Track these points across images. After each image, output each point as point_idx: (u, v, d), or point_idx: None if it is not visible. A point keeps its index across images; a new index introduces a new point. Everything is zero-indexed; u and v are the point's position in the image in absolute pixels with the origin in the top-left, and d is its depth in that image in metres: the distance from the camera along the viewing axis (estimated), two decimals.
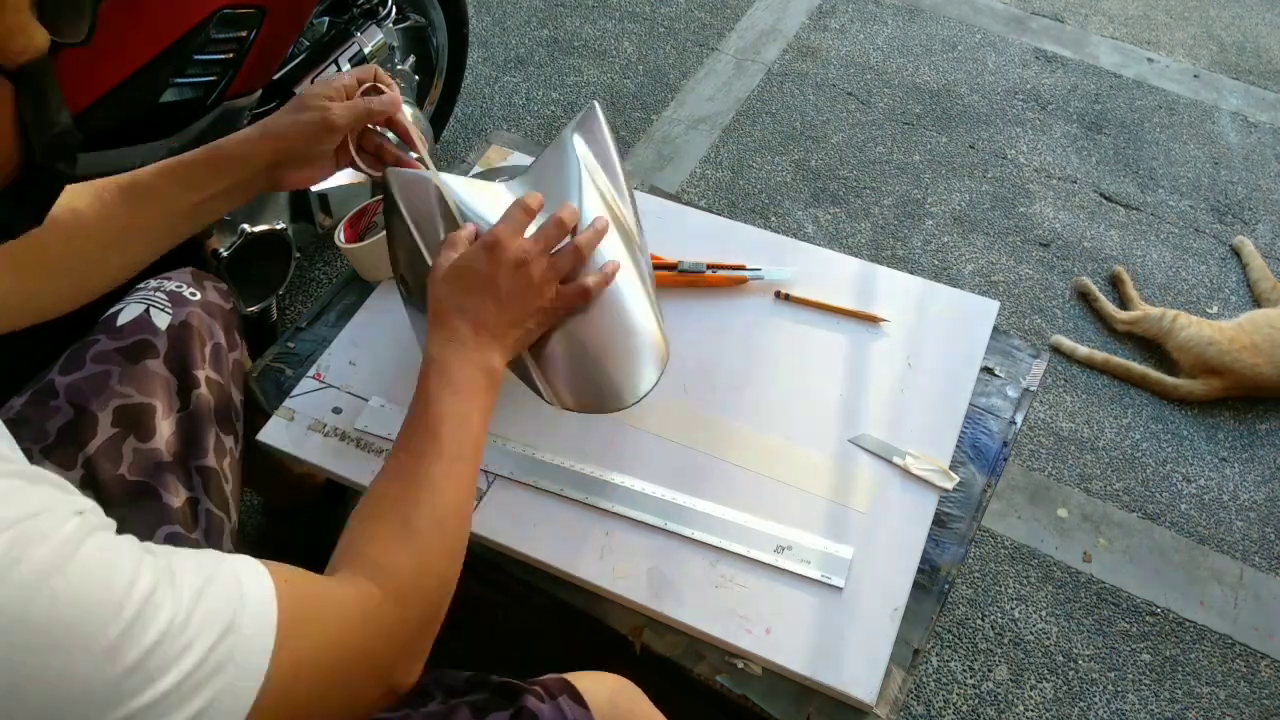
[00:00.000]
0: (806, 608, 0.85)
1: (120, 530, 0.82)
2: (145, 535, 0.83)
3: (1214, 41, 2.54)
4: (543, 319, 0.81)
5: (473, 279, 0.78)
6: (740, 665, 0.83)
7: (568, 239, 0.83)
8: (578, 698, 0.76)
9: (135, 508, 0.84)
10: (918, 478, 0.93)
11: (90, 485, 0.84)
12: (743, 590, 0.86)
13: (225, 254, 1.41)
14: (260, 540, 1.46)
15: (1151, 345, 1.82)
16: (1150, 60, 2.46)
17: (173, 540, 0.84)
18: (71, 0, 0.52)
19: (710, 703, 0.84)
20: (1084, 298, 1.90)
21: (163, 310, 0.93)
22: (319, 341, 1.07)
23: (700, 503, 0.91)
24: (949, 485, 0.92)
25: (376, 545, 0.65)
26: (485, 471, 0.95)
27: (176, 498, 0.87)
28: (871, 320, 1.06)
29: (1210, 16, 2.62)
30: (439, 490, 0.69)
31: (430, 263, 0.83)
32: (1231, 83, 2.41)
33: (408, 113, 0.90)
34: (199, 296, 0.97)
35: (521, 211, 0.81)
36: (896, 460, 0.94)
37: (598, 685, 0.79)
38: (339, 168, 0.90)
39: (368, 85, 0.90)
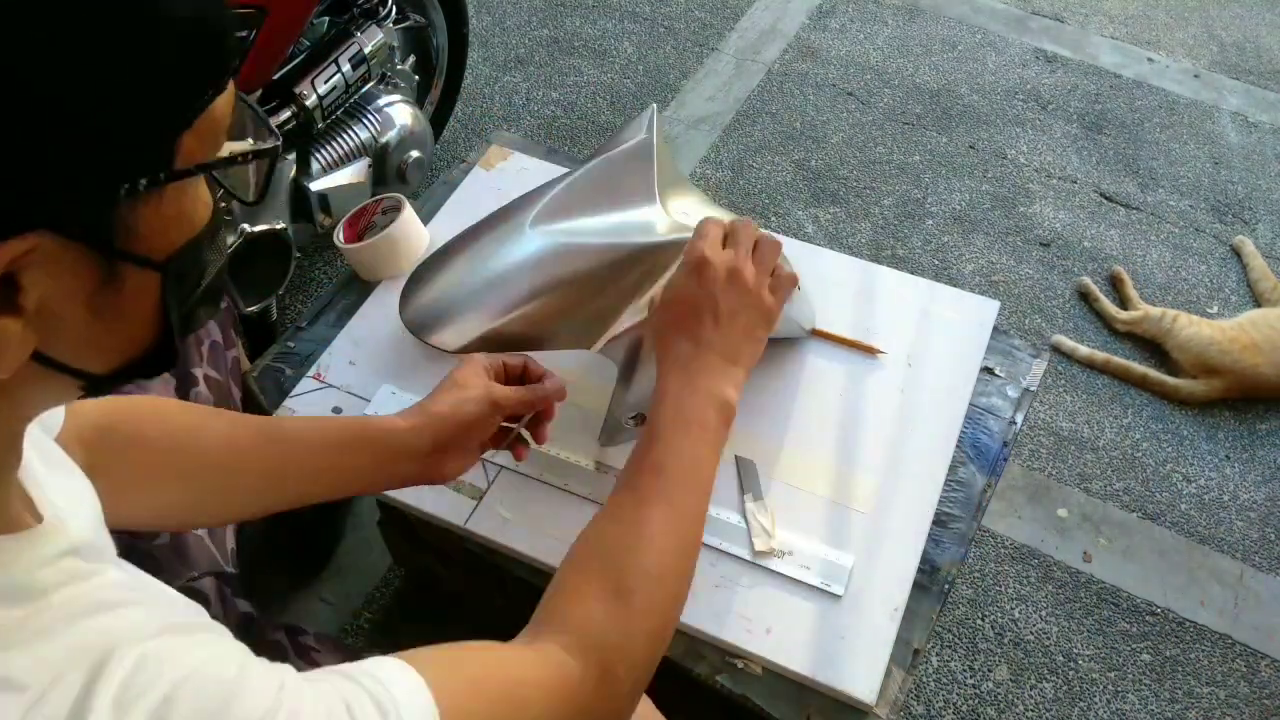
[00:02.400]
0: (807, 605, 0.85)
1: (132, 532, 0.83)
2: (151, 535, 0.84)
3: (1214, 41, 2.54)
4: (767, 322, 0.75)
5: (686, 305, 0.72)
6: (740, 665, 0.83)
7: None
8: None
9: None
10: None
11: None
12: (743, 590, 0.86)
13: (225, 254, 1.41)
14: (260, 540, 1.46)
15: (1152, 345, 1.82)
16: (1150, 60, 2.46)
17: (179, 538, 0.85)
18: (248, 172, 0.46)
19: (710, 703, 0.84)
20: (1084, 298, 1.90)
21: None
22: (319, 341, 1.07)
23: None
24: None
25: (582, 607, 0.59)
26: (487, 463, 0.95)
27: None
28: (869, 351, 1.03)
29: (1210, 16, 2.62)
30: (657, 542, 0.62)
31: None
32: (1231, 83, 2.41)
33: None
34: None
35: (714, 225, 0.75)
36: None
37: None
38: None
39: (520, 371, 0.82)
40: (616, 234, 0.85)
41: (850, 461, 0.95)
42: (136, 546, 0.83)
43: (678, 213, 0.89)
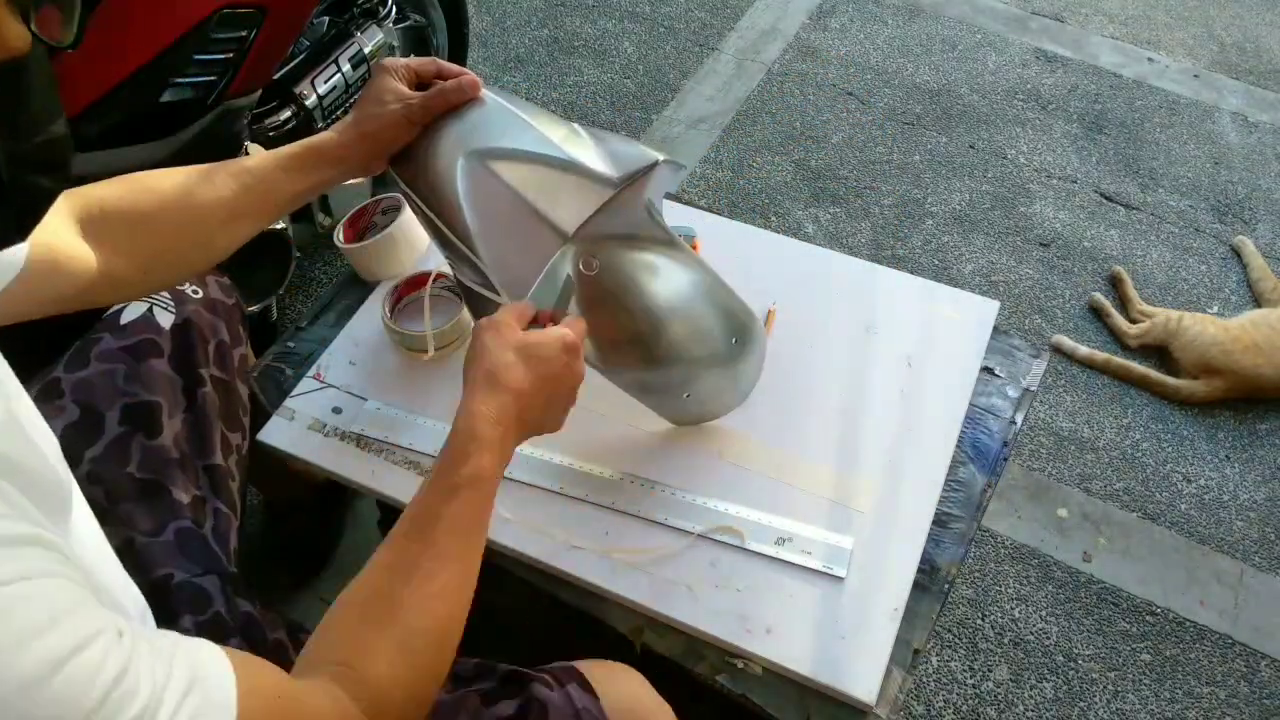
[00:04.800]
0: (807, 605, 0.85)
1: (131, 525, 0.83)
2: (156, 530, 0.84)
3: (1214, 41, 2.54)
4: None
5: (546, 372, 0.72)
6: (740, 665, 0.83)
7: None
8: (586, 686, 0.76)
9: (144, 504, 0.85)
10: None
11: (96, 482, 0.84)
12: (743, 590, 0.86)
13: None
14: (260, 539, 1.46)
15: (1153, 345, 1.82)
16: (1150, 60, 2.46)
17: (183, 534, 0.85)
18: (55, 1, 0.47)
19: (710, 703, 0.84)
20: (1096, 313, 1.88)
21: (165, 309, 0.93)
22: (319, 341, 1.07)
23: (700, 498, 0.92)
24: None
25: (368, 657, 0.59)
26: None
27: (185, 494, 0.87)
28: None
29: (1210, 16, 2.62)
30: (451, 604, 0.64)
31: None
32: (1231, 83, 2.41)
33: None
34: (201, 294, 0.97)
35: (521, 312, 0.79)
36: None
37: (605, 673, 0.79)
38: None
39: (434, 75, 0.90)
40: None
41: (850, 461, 0.95)
42: (134, 540, 0.83)
43: (584, 256, 0.84)
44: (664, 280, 0.86)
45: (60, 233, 0.74)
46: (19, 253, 0.69)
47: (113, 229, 0.76)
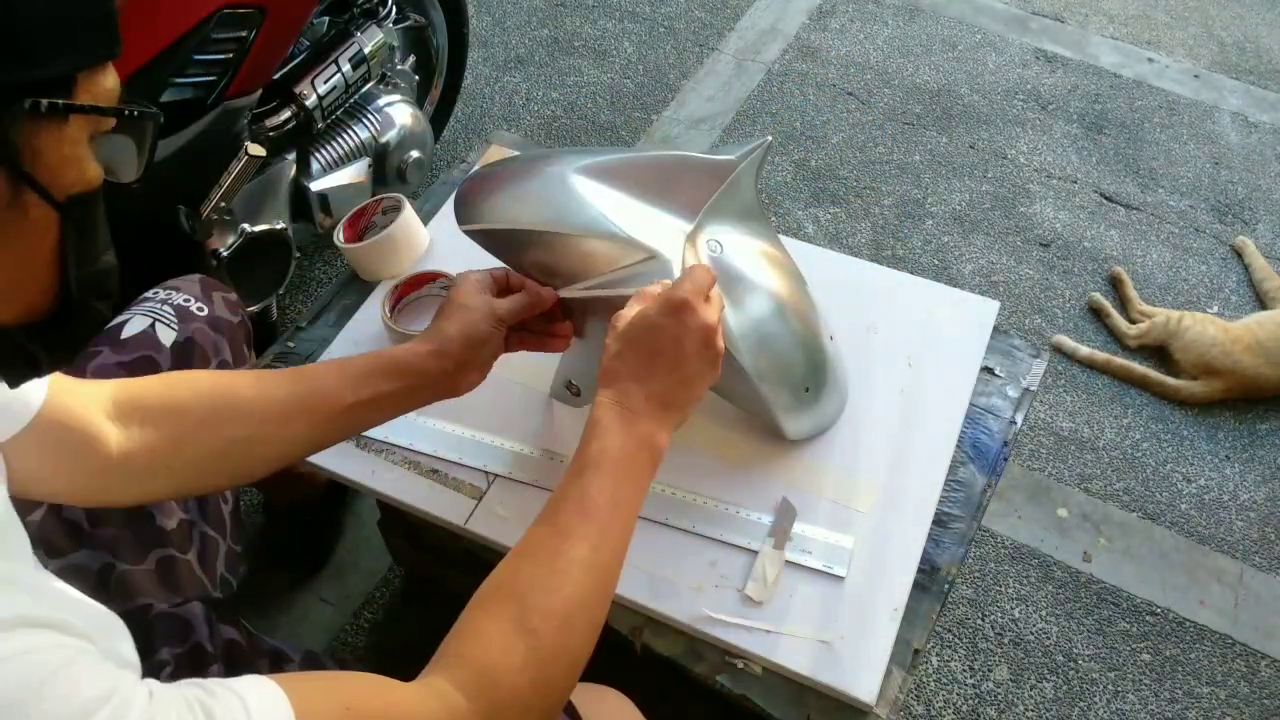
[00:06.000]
0: (807, 604, 0.85)
1: (113, 551, 0.81)
2: (139, 558, 0.82)
3: (1214, 41, 2.54)
4: (711, 382, 0.73)
5: (657, 342, 0.69)
6: (740, 665, 0.83)
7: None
8: (571, 711, 0.76)
9: (128, 530, 0.83)
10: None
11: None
12: (743, 590, 0.86)
13: (225, 254, 1.41)
14: (260, 540, 1.46)
15: (1153, 346, 1.82)
16: (1150, 60, 2.46)
17: (166, 563, 0.83)
18: (131, 144, 0.49)
19: (710, 703, 0.84)
20: (1096, 314, 1.88)
21: (168, 325, 0.91)
22: (319, 341, 1.07)
23: (700, 498, 0.92)
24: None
25: (481, 642, 0.57)
26: (485, 471, 0.95)
27: (171, 520, 0.85)
28: None
29: (1210, 16, 2.62)
30: (576, 581, 0.61)
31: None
32: (1231, 83, 2.41)
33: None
34: (206, 311, 0.95)
35: (706, 274, 0.73)
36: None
37: (591, 697, 0.78)
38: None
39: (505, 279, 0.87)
40: (628, 223, 0.85)
41: (851, 462, 0.95)
42: (114, 566, 0.81)
43: (708, 239, 0.89)
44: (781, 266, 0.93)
45: (84, 401, 0.68)
46: (34, 400, 0.65)
47: (139, 415, 0.70)
